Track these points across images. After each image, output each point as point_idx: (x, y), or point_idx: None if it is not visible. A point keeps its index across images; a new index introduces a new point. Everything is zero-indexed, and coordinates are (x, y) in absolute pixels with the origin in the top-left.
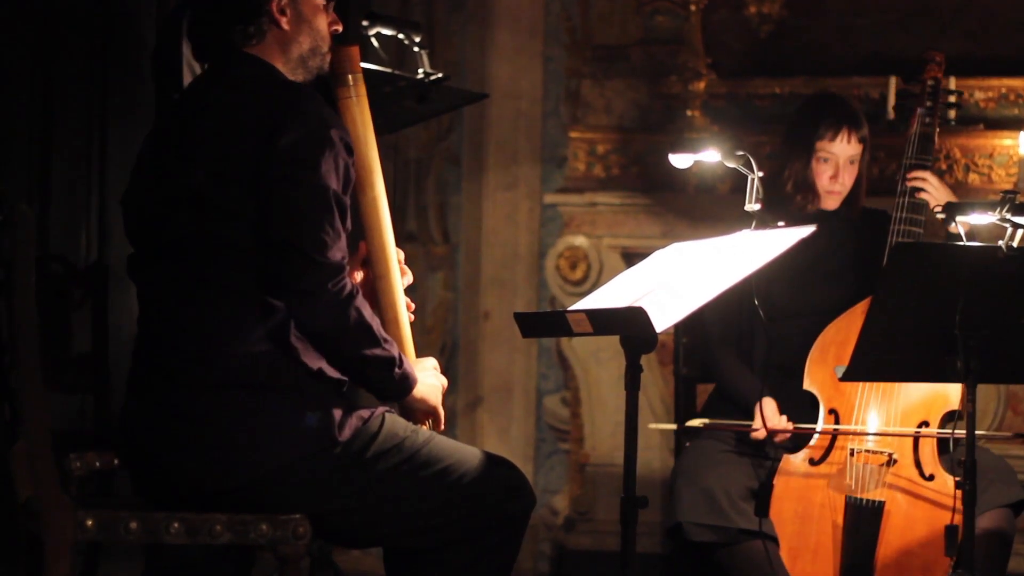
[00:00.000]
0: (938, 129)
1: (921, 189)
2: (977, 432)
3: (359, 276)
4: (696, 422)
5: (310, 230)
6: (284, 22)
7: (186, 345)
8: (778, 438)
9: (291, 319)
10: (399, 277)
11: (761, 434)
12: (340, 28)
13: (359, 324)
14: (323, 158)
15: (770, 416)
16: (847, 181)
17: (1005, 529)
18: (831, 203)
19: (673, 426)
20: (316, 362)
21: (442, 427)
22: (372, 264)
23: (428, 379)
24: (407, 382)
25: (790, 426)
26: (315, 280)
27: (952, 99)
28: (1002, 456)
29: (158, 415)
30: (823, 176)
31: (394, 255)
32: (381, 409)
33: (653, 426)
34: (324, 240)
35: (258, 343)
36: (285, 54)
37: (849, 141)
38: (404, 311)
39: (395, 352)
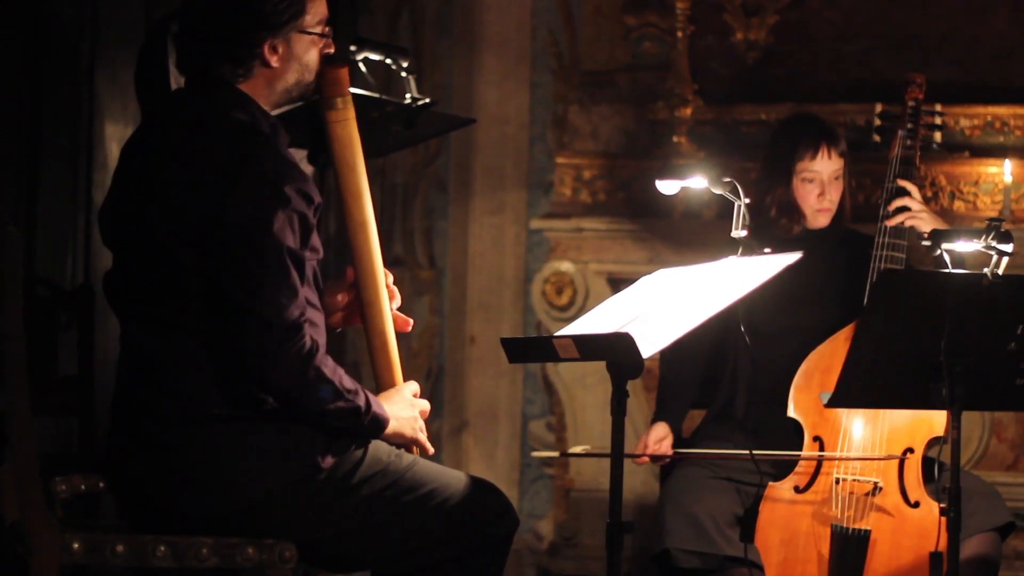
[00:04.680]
0: (919, 152)
1: (905, 208)
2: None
3: (342, 299)
4: (578, 448)
5: (267, 294)
6: (275, 60)
7: (162, 381)
8: (658, 463)
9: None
10: (388, 303)
11: (643, 460)
12: (332, 50)
13: (320, 381)
14: (275, 217)
15: (651, 442)
16: (834, 197)
17: (991, 554)
18: (822, 220)
19: (555, 453)
20: None
21: (430, 451)
22: (360, 290)
23: (401, 412)
24: (378, 424)
25: (669, 451)
26: (273, 343)
27: (937, 120)
28: (990, 482)
29: (141, 446)
30: (810, 196)
31: (383, 281)
32: None
33: (536, 454)
34: (281, 302)
35: (236, 381)
36: (269, 87)
37: (830, 157)
38: (393, 338)
39: (361, 401)
